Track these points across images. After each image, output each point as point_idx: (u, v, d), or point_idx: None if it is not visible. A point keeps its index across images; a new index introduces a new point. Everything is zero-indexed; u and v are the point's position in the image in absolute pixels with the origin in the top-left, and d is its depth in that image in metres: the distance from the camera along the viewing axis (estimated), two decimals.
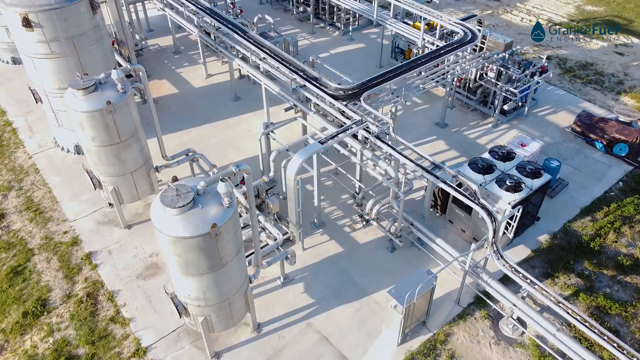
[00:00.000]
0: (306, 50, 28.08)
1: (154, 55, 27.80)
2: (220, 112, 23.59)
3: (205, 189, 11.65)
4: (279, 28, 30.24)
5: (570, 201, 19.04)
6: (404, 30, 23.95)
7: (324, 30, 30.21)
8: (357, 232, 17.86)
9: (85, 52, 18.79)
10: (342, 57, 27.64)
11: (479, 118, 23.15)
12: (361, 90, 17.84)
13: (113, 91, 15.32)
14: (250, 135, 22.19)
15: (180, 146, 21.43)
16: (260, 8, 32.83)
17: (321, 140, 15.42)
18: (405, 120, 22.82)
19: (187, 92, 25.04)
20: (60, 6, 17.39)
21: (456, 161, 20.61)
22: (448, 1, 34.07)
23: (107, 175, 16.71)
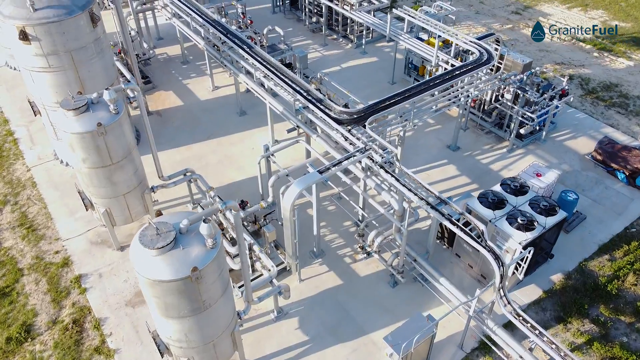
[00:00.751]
0: (317, 63, 27.27)
1: (162, 65, 27.26)
2: (224, 127, 22.89)
3: (189, 227, 10.90)
4: (291, 39, 29.55)
5: (587, 237, 17.86)
6: (418, 46, 22.95)
7: (336, 42, 29.35)
8: (357, 264, 16.98)
9: (84, 65, 18.26)
10: (354, 72, 26.74)
11: (493, 141, 22.04)
12: (367, 114, 16.93)
13: (105, 112, 14.68)
14: (253, 153, 21.44)
15: (180, 163, 20.88)
16: (273, 17, 32.13)
17: (320, 170, 14.57)
18: (416, 142, 21.84)
19: (192, 104, 24.41)
20: (59, 19, 16.86)
21: (467, 189, 19.57)
22: (467, 14, 32.91)
23: (98, 197, 16.11)
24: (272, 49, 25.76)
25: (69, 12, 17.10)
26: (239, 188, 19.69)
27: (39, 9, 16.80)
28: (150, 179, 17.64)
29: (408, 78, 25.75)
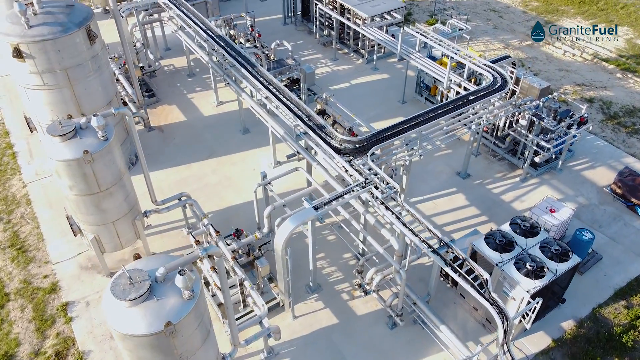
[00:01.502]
0: (326, 79, 26.44)
1: (167, 77, 26.70)
2: (226, 146, 22.20)
3: (166, 275, 10.16)
4: (300, 52, 28.80)
5: (602, 280, 16.72)
6: (429, 66, 21.95)
7: (347, 57, 28.48)
8: (355, 301, 16.10)
9: (81, 83, 17.75)
10: (363, 89, 25.84)
11: (506, 169, 20.95)
12: (370, 143, 16.05)
13: (94, 138, 14.06)
14: (254, 174, 20.70)
15: (179, 183, 20.26)
16: (284, 29, 31.39)
17: (316, 205, 13.74)
18: (424, 167, 20.85)
19: (195, 120, 23.78)
20: (53, 37, 16.34)
21: (476, 221, 18.56)
22: (484, 29, 31.75)
23: (86, 223, 15.51)
24: (280, 64, 25.05)
25: (65, 29, 16.58)
26: (236, 212, 18.96)
27: (34, 26, 16.32)
28: (144, 202, 17.03)
29: (419, 97, 24.77)
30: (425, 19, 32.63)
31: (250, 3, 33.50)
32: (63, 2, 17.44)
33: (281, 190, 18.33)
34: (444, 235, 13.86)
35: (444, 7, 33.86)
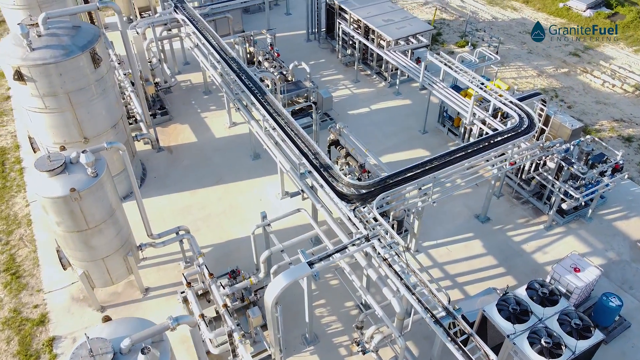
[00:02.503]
0: (345, 103, 25.33)
1: (183, 94, 26.09)
2: (235, 171, 21.36)
3: (132, 347, 9.30)
4: (321, 72, 27.79)
5: (630, 352, 15.10)
6: (452, 98, 20.58)
7: (369, 79, 27.29)
8: (354, 357, 14.96)
9: (83, 107, 17.18)
10: (383, 115, 24.61)
11: (530, 214, 19.42)
12: (378, 189, 14.88)
13: (83, 174, 13.38)
14: (260, 205, 19.79)
15: (182, 211, 19.54)
16: (307, 46, 30.41)
17: (312, 261, 12.67)
18: (439, 208, 19.46)
19: (206, 142, 23.04)
20: (55, 61, 15.78)
21: (492, 273, 17.17)
22: (517, 53, 30.03)
23: (75, 259, 14.88)
24: (297, 86, 24.10)
25: (68, 53, 16.00)
26: (237, 247, 18.07)
27: (37, 49, 15.79)
28: (141, 233, 16.32)
29: (441, 128, 23.39)
30: (456, 40, 31.12)
31: (275, 16, 32.82)
32: (70, 23, 16.90)
33: (284, 226, 17.29)
34: (452, 303, 12.57)
35: (476, 28, 32.27)
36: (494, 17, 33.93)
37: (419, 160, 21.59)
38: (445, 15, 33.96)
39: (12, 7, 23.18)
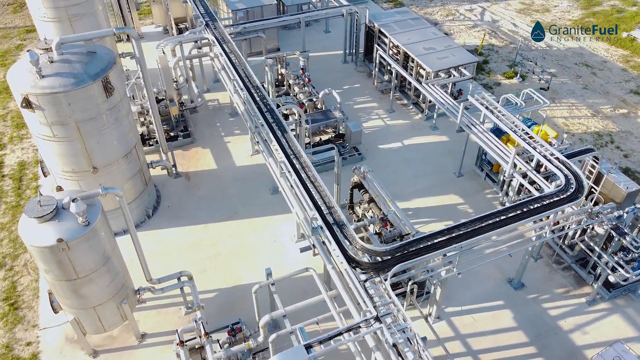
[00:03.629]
0: (376, 135, 23.71)
1: (209, 114, 25.14)
2: (251, 206, 20.16)
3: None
4: (354, 98, 26.27)
5: None
6: (492, 145, 18.63)
7: (404, 110, 25.53)
8: None
9: (93, 137, 16.37)
10: (417, 152, 22.83)
11: (570, 284, 17.29)
12: (394, 258, 13.27)
13: (74, 222, 12.42)
14: (274, 247, 18.54)
15: (190, 247, 18.52)
16: (343, 68, 28.89)
17: (310, 344, 11.24)
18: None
19: (225, 170, 21.95)
20: (64, 90, 14.96)
21: (521, 352, 15.25)
22: (571, 88, 27.52)
23: (65, 305, 14.00)
24: (326, 115, 22.70)
25: (78, 82, 15.16)
26: (243, 294, 16.79)
27: (47, 76, 15.02)
28: (140, 273, 15.34)
29: (479, 172, 21.42)
30: (504, 69, 28.88)
31: (313, 34, 31.56)
32: (85, 49, 16.07)
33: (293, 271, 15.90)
34: None
35: (528, 57, 29.89)
36: (548, 45, 31.41)
37: (450, 207, 20.08)
38: (495, 41, 31.70)
39: (43, 19, 22.85)
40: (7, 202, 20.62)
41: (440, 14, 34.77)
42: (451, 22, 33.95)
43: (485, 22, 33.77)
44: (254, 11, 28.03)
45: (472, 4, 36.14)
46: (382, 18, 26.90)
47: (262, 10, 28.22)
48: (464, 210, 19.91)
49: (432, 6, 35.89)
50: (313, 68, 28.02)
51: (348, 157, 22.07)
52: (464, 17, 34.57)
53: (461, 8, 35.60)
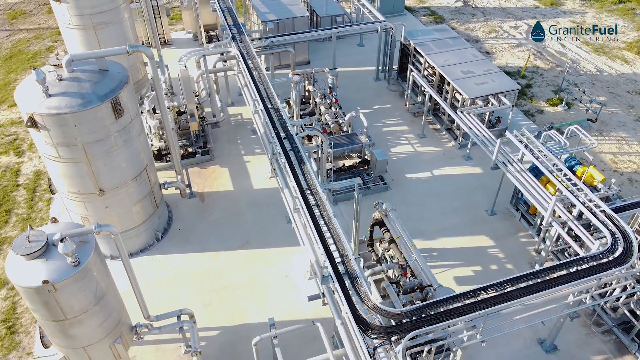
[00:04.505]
0: (404, 163, 22.20)
1: (231, 130, 24.18)
2: (264, 234, 19.04)
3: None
4: (384, 120, 24.84)
5: None
6: (529, 186, 16.92)
7: (437, 135, 23.92)
8: None
9: (100, 159, 15.56)
10: (447, 184, 21.22)
11: (610, 350, 15.45)
12: (410, 322, 11.84)
13: (63, 261, 11.51)
14: (285, 283, 17.37)
15: (198, 277, 17.58)
16: (374, 86, 27.47)
17: None
18: None
19: (242, 192, 20.90)
20: (70, 111, 14.16)
21: None
22: (623, 120, 25.24)
23: (54, 343, 13.16)
24: (351, 140, 21.40)
25: (85, 103, 14.34)
26: (247, 335, 15.41)
27: (53, 96, 14.25)
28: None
29: (514, 212, 19.68)
30: (548, 94, 26.85)
31: (346, 47, 30.26)
32: (97, 67, 15.24)
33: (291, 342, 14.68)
34: None
35: (575, 83, 27.73)
36: (598, 70, 29.13)
37: (479, 250, 18.42)
38: (540, 63, 29.63)
39: (68, 27, 22.38)
40: (18, 213, 20.14)
41: (482, 31, 32.86)
42: (494, 39, 32.00)
43: (531, 42, 31.66)
44: (284, 23, 26.93)
45: (517, 21, 34.06)
46: (418, 36, 25.35)
47: (294, 23, 27.10)
48: (494, 255, 18.25)
49: (474, 21, 33.98)
50: (343, 84, 26.77)
51: (372, 186, 20.68)
52: (508, 34, 32.56)
53: (505, 25, 33.58)
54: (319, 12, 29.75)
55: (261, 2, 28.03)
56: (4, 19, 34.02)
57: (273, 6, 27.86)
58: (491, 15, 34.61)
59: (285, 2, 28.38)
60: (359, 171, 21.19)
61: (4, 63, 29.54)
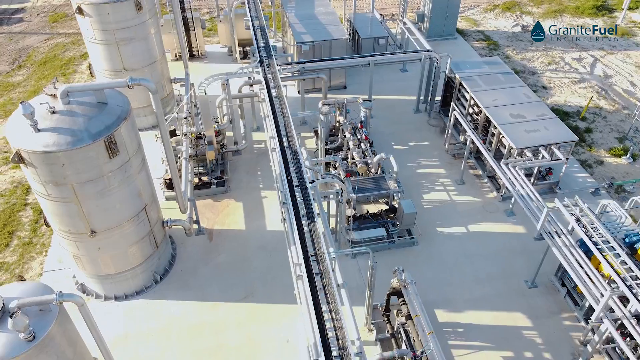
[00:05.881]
0: (436, 213, 19.85)
1: (252, 159, 22.52)
2: (271, 287, 17.22)
3: None
4: (420, 160, 22.56)
5: None
6: (578, 267, 14.31)
7: (477, 183, 21.39)
8: None
9: (92, 200, 14.21)
10: (483, 244, 18.67)
11: None
12: None
13: (15, 335, 10.07)
14: (285, 349, 15.51)
15: (192, 331, 16.04)
16: (414, 119, 25.12)
17: None
18: None
19: (253, 233, 19.19)
20: (57, 150, 12.88)
21: None
22: None
23: None
24: (378, 184, 19.32)
25: (75, 141, 12.99)
26: None
27: (43, 131, 12.99)
28: None
29: (559, 286, 16.99)
30: (611, 142, 23.71)
31: (388, 72, 28.08)
32: (95, 99, 13.87)
33: None
34: None
35: None
36: None
37: (513, 331, 15.95)
38: (604, 103, 26.42)
39: (92, 41, 21.43)
40: (20, 236, 19.23)
41: (540, 61, 29.83)
42: (553, 72, 28.94)
43: (595, 77, 28.43)
44: (321, 45, 25.06)
45: (581, 52, 30.78)
46: (466, 68, 22.89)
47: (331, 46, 25.19)
48: (530, 339, 15.69)
49: (533, 50, 30.96)
50: (379, 115, 24.74)
51: (397, 239, 18.49)
52: (570, 67, 29.40)
53: (567, 56, 30.39)
54: (361, 33, 27.72)
55: (298, 21, 26.27)
56: (45, 22, 33.89)
57: (311, 26, 26.07)
58: (552, 43, 31.46)
59: (325, 22, 26.51)
60: (384, 220, 19.05)
61: (37, 69, 29.18)
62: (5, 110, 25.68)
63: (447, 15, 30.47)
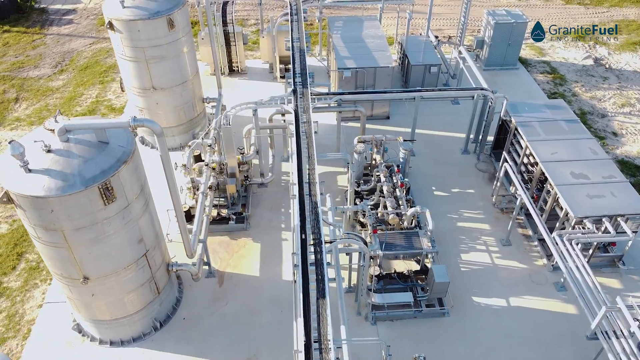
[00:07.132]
0: (473, 279, 17.52)
1: (277, 193, 20.87)
2: (277, 350, 15.47)
3: None
4: (461, 210, 20.16)
5: None
6: None
7: (525, 245, 18.81)
8: None
9: (84, 247, 13.04)
10: (525, 323, 16.16)
11: None
12: None
13: None
14: None
15: None
16: (461, 160, 22.66)
17: None
18: None
19: (266, 282, 17.54)
20: (46, 195, 11.73)
21: None
22: None
23: None
24: (409, 240, 17.23)
25: (66, 187, 11.79)
26: None
27: (34, 172, 11.85)
28: None
29: None
30: None
31: (438, 104, 25.62)
32: (96, 138, 12.61)
33: None
34: None
35: None
36: None
37: None
38: None
39: (122, 57, 20.51)
40: (28, 260, 18.49)
41: (612, 102, 26.56)
42: (626, 116, 25.65)
43: None
44: (364, 72, 23.09)
45: None
46: (524, 112, 20.29)
47: (375, 73, 23.18)
48: None
49: (604, 88, 27.67)
50: (423, 152, 22.57)
51: (425, 307, 16.33)
52: None
53: None
54: (411, 59, 25.55)
55: (343, 44, 24.40)
56: (93, 25, 33.68)
57: (356, 50, 24.14)
58: (628, 82, 28.03)
59: (372, 46, 24.49)
60: (412, 282, 16.93)
61: (78, 74, 28.81)
62: (39, 117, 25.31)
63: (509, 43, 27.68)
